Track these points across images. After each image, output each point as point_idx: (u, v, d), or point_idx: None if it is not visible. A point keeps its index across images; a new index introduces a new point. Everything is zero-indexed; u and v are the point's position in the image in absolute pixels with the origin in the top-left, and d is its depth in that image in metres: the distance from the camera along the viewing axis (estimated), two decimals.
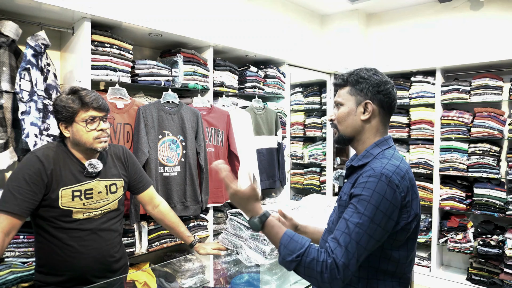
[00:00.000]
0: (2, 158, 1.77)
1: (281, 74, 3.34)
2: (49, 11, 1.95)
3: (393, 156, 1.14)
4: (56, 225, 1.46)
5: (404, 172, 1.09)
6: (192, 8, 3.00)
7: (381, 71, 1.24)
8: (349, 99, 1.21)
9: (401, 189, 1.06)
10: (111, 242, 1.59)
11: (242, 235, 1.66)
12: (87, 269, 1.51)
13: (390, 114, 1.23)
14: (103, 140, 1.50)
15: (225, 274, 2.10)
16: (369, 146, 1.19)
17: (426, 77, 3.69)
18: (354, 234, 1.02)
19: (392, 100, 1.20)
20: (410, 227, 1.09)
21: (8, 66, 1.79)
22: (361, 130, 1.20)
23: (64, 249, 1.47)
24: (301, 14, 4.18)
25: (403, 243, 1.11)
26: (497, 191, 3.26)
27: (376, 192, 1.04)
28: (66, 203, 1.46)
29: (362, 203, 1.04)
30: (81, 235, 1.49)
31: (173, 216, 1.82)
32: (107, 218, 1.58)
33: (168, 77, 2.45)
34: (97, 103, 1.47)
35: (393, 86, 1.22)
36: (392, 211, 1.04)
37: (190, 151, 2.44)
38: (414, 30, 4.04)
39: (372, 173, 1.07)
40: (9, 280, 1.78)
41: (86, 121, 1.45)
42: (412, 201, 1.10)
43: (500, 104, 3.46)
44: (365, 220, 1.02)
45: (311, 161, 4.38)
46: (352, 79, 1.21)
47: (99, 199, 1.55)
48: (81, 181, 1.50)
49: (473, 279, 3.35)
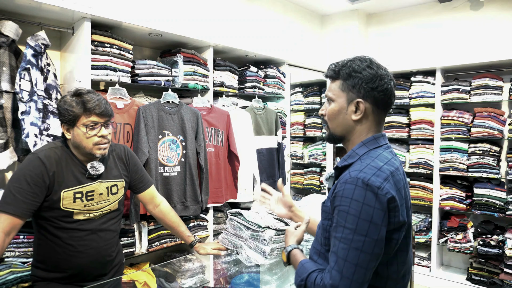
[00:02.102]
0: (2, 158, 1.77)
1: (281, 74, 3.34)
2: (49, 11, 1.95)
3: (378, 157, 1.03)
4: (56, 225, 1.47)
5: (387, 174, 0.98)
6: (192, 8, 3.00)
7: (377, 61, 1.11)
8: (340, 95, 1.09)
9: (385, 190, 0.94)
10: (110, 241, 1.60)
11: (242, 235, 1.66)
12: (84, 267, 1.52)
13: (387, 111, 1.11)
14: (102, 146, 1.48)
15: (225, 274, 2.10)
16: (356, 145, 1.08)
17: (426, 77, 3.69)
18: (340, 251, 0.94)
19: (388, 97, 1.07)
20: (397, 237, 0.99)
21: (8, 66, 1.79)
22: (352, 130, 1.10)
23: (63, 248, 1.48)
24: (301, 14, 4.18)
25: (392, 258, 1.01)
26: (497, 191, 3.26)
27: (354, 200, 0.94)
28: (68, 204, 1.46)
29: (342, 214, 0.96)
30: (80, 235, 1.50)
31: (173, 215, 1.82)
32: (107, 219, 1.59)
33: (168, 77, 2.45)
34: (99, 109, 1.44)
35: (391, 79, 1.08)
36: (378, 216, 0.93)
37: (190, 151, 2.44)
38: (414, 30, 4.04)
39: (348, 179, 0.97)
40: (9, 280, 1.78)
41: (87, 126, 1.43)
42: (402, 205, 0.98)
43: (500, 104, 3.46)
44: (348, 233, 0.93)
45: (311, 161, 4.38)
46: (343, 72, 1.08)
47: (100, 200, 1.55)
48: (83, 183, 1.50)
49: (473, 279, 3.35)
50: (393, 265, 1.02)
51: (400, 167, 1.07)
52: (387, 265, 1.01)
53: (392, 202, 0.95)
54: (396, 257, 1.02)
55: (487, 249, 3.18)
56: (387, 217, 0.95)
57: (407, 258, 1.06)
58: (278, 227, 1.59)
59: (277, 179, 3.20)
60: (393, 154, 1.09)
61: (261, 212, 1.72)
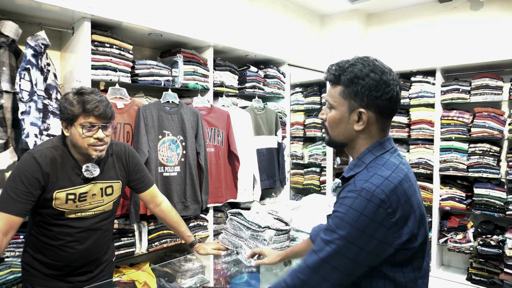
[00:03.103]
0: (2, 158, 1.77)
1: (281, 74, 3.34)
2: (49, 11, 1.95)
3: (385, 164, 0.98)
4: (48, 221, 1.49)
5: (395, 184, 0.93)
6: (192, 8, 3.00)
7: (382, 62, 1.04)
8: (341, 103, 1.02)
9: (388, 204, 0.90)
10: (101, 241, 1.61)
11: (242, 235, 1.66)
12: (71, 261, 1.54)
13: (392, 117, 1.05)
14: (98, 148, 1.45)
15: (225, 274, 2.10)
16: (361, 153, 1.03)
17: (426, 77, 3.69)
18: (323, 252, 0.92)
19: (394, 104, 1.01)
20: (411, 246, 0.94)
21: (8, 66, 1.79)
22: (355, 138, 1.04)
23: (54, 240, 1.50)
24: (301, 14, 4.18)
25: (407, 263, 0.96)
26: (497, 191, 3.26)
27: (353, 209, 0.90)
28: (60, 204, 1.47)
29: (335, 220, 0.93)
30: (71, 232, 1.51)
31: (174, 215, 1.82)
32: (100, 219, 1.59)
33: (168, 77, 2.45)
34: (98, 112, 1.41)
35: (397, 83, 1.01)
36: (374, 229, 0.89)
37: (190, 151, 2.44)
38: (414, 30, 4.04)
39: (353, 188, 0.93)
40: (9, 280, 1.78)
41: (83, 127, 1.41)
42: (409, 217, 0.93)
43: (500, 104, 3.46)
44: (336, 238, 0.91)
45: (311, 161, 4.38)
46: (345, 78, 1.00)
47: (93, 201, 1.55)
48: (76, 185, 1.49)
49: (473, 279, 3.35)
50: (409, 272, 0.97)
51: (410, 172, 1.02)
52: (403, 271, 0.96)
53: (395, 215, 0.91)
54: (412, 263, 0.98)
55: (487, 249, 3.18)
56: (385, 231, 0.90)
57: (422, 264, 1.01)
58: (278, 227, 1.59)
59: (277, 179, 3.20)
60: (401, 158, 1.04)
61: (261, 212, 1.73)
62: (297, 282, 0.95)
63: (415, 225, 0.95)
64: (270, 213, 1.70)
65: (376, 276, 0.96)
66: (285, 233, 1.64)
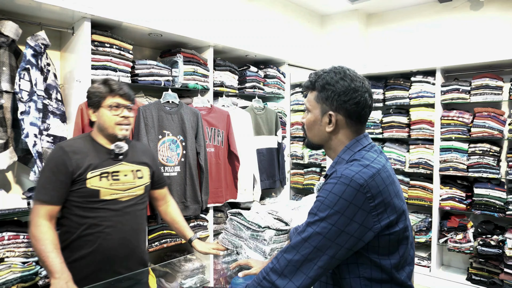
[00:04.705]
0: (2, 158, 1.77)
1: (281, 74, 3.34)
2: (49, 11, 1.95)
3: (364, 156, 1.05)
4: (84, 206, 1.53)
5: (373, 171, 0.99)
6: (192, 8, 3.00)
7: (355, 71, 1.11)
8: (315, 106, 1.14)
9: (367, 189, 0.96)
10: (137, 228, 1.66)
11: (242, 235, 1.66)
12: (112, 251, 1.55)
13: (362, 122, 1.12)
14: (124, 127, 1.61)
15: (225, 274, 2.10)
16: (341, 151, 1.11)
17: (426, 77, 3.69)
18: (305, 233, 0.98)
19: (361, 109, 1.08)
20: (392, 231, 1.00)
21: (8, 66, 1.79)
22: (329, 139, 1.13)
23: (90, 228, 1.53)
24: (301, 14, 4.18)
25: (393, 251, 1.02)
26: (497, 191, 3.26)
27: (332, 193, 0.97)
28: (94, 183, 1.54)
29: (316, 203, 1.00)
30: (107, 215, 1.55)
31: (179, 213, 1.90)
32: (134, 202, 1.65)
33: (168, 77, 2.45)
34: (123, 92, 1.60)
35: (365, 91, 1.09)
36: (353, 212, 0.95)
37: (190, 151, 2.44)
38: (414, 30, 4.04)
39: (334, 175, 1.01)
40: (9, 280, 1.78)
41: (111, 106, 1.57)
42: (388, 204, 0.99)
43: (500, 104, 3.46)
44: (317, 220, 0.98)
45: (311, 161, 4.38)
46: (318, 84, 1.11)
47: (126, 181, 1.62)
48: (106, 165, 1.59)
49: (473, 279, 3.35)
50: (395, 259, 1.03)
51: (387, 164, 1.09)
52: (389, 258, 1.02)
53: (374, 199, 0.97)
54: (398, 250, 1.03)
55: (487, 249, 3.18)
56: (366, 215, 0.96)
57: (406, 250, 1.06)
58: (278, 227, 1.59)
59: (277, 179, 3.20)
60: (378, 152, 1.11)
61: (261, 212, 1.73)
62: (282, 261, 1.01)
63: (394, 212, 1.01)
64: (270, 213, 1.70)
65: (363, 263, 1.02)
66: (285, 233, 1.64)
